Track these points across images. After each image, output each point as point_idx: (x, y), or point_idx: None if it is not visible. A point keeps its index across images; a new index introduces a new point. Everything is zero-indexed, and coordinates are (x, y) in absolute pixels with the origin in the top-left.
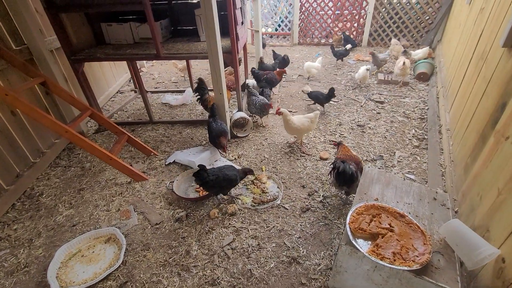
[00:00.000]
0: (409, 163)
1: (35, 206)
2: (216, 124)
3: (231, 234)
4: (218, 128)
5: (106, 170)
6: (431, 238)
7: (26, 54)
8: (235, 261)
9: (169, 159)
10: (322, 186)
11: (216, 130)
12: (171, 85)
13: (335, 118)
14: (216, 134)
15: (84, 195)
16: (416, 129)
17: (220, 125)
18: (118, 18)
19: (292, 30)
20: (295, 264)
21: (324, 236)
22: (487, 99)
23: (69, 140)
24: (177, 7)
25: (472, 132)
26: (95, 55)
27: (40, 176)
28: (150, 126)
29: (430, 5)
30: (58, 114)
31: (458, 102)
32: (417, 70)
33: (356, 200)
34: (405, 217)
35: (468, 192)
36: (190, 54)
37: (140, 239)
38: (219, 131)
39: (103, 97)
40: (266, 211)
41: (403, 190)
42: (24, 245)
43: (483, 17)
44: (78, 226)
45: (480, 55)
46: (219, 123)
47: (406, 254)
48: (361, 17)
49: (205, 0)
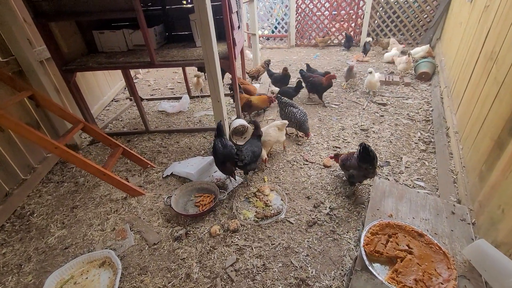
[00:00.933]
0: (417, 168)
1: (25, 226)
2: (223, 147)
3: (234, 254)
4: (225, 152)
5: (100, 185)
6: (455, 259)
7: (14, 66)
8: (239, 284)
9: (166, 171)
10: (328, 196)
11: (224, 154)
12: (168, 92)
13: (337, 123)
14: (223, 159)
15: (77, 214)
16: (422, 131)
17: (227, 147)
18: (111, 25)
19: (288, 31)
20: (304, 286)
21: (334, 254)
22: (500, 103)
23: (59, 156)
24: (171, 12)
25: (486, 138)
26: (87, 65)
27: (31, 193)
28: (146, 136)
29: (428, 3)
30: (51, 127)
31: (466, 104)
32: (419, 69)
33: (368, 217)
34: (424, 236)
35: (486, 203)
36: (185, 61)
37: (137, 261)
38: (226, 156)
39: (97, 106)
40: (270, 227)
41: (418, 204)
42: (13, 271)
43: (489, 15)
44: (71, 249)
45: (489, 55)
46: (226, 144)
47: (429, 281)
48: (359, 17)
49: (199, 5)
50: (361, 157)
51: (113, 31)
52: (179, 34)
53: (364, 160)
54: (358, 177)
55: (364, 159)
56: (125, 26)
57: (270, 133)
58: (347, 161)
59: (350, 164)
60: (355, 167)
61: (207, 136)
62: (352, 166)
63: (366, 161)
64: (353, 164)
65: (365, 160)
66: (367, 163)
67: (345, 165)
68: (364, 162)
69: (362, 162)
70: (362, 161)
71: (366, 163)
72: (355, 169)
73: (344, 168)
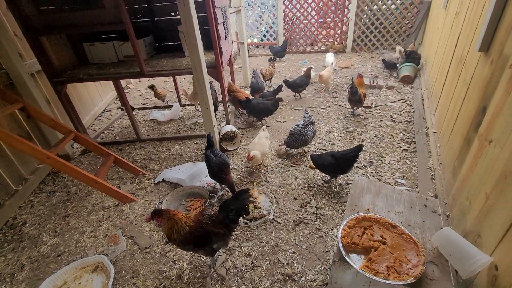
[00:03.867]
0: (399, 167)
1: (17, 236)
2: (215, 156)
3: (224, 254)
4: (217, 162)
5: (92, 194)
6: (424, 248)
7: (4, 79)
8: (228, 283)
9: (157, 178)
10: (314, 196)
11: (217, 163)
12: (158, 101)
13: (324, 126)
14: (218, 167)
15: (69, 222)
16: (404, 132)
17: (220, 156)
18: (101, 37)
19: (277, 39)
20: (291, 281)
21: (319, 250)
22: (468, 102)
23: (52, 166)
24: (161, 24)
25: (457, 135)
26: (78, 76)
27: (23, 204)
28: (138, 144)
29: (409, 10)
30: (42, 138)
31: (442, 104)
32: (401, 73)
33: (347, 212)
34: (397, 227)
35: (458, 196)
36: (175, 70)
37: (129, 265)
38: (220, 163)
39: (89, 117)
40: (259, 227)
41: (394, 199)
42: (6, 280)
43: (459, 21)
44: (64, 256)
45: (459, 58)
46: (218, 154)
47: (400, 267)
48: (344, 24)
49: (186, 17)
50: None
51: (103, 43)
52: (169, 45)
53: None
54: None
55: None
56: (115, 38)
57: (265, 144)
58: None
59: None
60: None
61: (197, 142)
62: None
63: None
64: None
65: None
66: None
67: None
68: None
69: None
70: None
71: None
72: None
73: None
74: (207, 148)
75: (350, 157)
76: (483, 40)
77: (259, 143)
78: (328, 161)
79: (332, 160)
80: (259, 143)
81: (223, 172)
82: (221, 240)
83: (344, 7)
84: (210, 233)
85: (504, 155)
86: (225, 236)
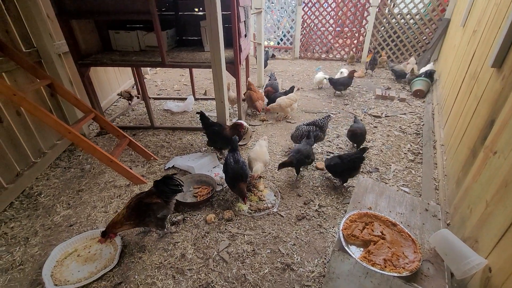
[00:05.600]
0: (404, 176)
1: (33, 205)
2: (234, 162)
3: (227, 239)
4: (236, 168)
5: (105, 173)
6: (422, 247)
7: (35, 56)
8: (229, 266)
9: (168, 164)
10: (318, 195)
11: (234, 170)
12: (173, 93)
13: (332, 131)
14: (233, 175)
15: (82, 196)
16: (412, 143)
17: (239, 164)
18: (126, 26)
19: (293, 44)
20: (289, 270)
21: (319, 244)
22: (478, 116)
23: (72, 140)
24: (183, 18)
25: (464, 148)
26: (102, 61)
27: (39, 176)
28: (151, 131)
29: (427, 26)
30: (62, 116)
31: (452, 119)
32: (414, 87)
33: (349, 208)
34: (397, 226)
35: (459, 205)
36: (193, 63)
37: (136, 241)
38: (236, 172)
39: (106, 102)
40: (262, 218)
41: (396, 201)
42: (20, 243)
43: (476, 39)
44: (75, 226)
45: (472, 74)
46: (238, 160)
47: (396, 261)
48: (361, 35)
49: (211, 13)
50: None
51: (127, 32)
52: (189, 39)
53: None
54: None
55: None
56: (138, 28)
57: (267, 152)
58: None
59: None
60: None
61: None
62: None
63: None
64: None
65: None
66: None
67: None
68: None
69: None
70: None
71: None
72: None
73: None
74: (230, 151)
75: (355, 159)
76: (497, 56)
77: (261, 152)
78: (335, 161)
79: (339, 161)
80: (261, 151)
81: (237, 181)
82: (162, 208)
83: (363, 18)
84: (149, 204)
85: (507, 165)
86: (164, 204)
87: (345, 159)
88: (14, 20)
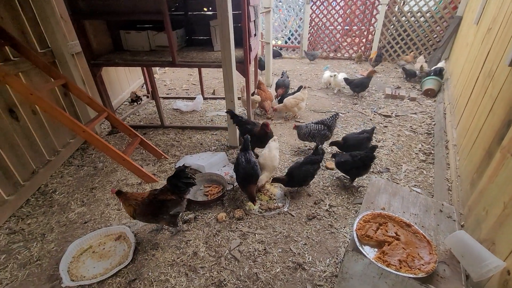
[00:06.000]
0: (415, 176)
1: (48, 202)
2: (246, 162)
3: (238, 238)
4: (246, 168)
5: (117, 171)
6: (437, 248)
7: (49, 57)
8: (241, 264)
9: (178, 163)
10: (328, 195)
11: (245, 170)
12: (182, 92)
13: (342, 130)
14: (243, 175)
15: (96, 194)
16: (423, 143)
17: (251, 164)
18: (136, 26)
19: (301, 43)
20: (301, 270)
21: (330, 244)
22: (493, 116)
23: (86, 139)
24: (192, 18)
25: (479, 149)
26: (114, 60)
27: (54, 173)
28: (161, 130)
29: (438, 24)
30: (75, 115)
31: (465, 118)
32: (425, 86)
33: (362, 208)
34: (411, 226)
35: (474, 206)
36: (203, 62)
37: (149, 238)
38: (247, 172)
39: (116, 101)
40: (273, 217)
41: (409, 201)
42: (37, 239)
43: (490, 37)
44: (90, 223)
45: (487, 73)
46: (250, 159)
47: (412, 262)
48: (370, 33)
49: (222, 13)
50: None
51: (138, 32)
52: (197, 38)
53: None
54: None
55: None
56: (148, 28)
57: (276, 156)
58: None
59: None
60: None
61: (217, 134)
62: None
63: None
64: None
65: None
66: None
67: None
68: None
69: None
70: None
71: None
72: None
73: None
74: (242, 150)
75: (366, 157)
76: None
77: (269, 156)
78: (345, 158)
79: (349, 159)
80: (270, 156)
81: (248, 182)
82: (176, 205)
83: (372, 16)
84: (163, 201)
85: None
86: (178, 201)
87: (356, 157)
88: (29, 21)
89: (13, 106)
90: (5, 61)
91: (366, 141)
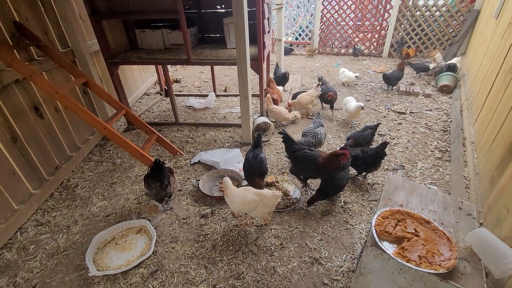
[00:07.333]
0: (431, 174)
1: (71, 196)
2: (253, 157)
3: (254, 233)
4: (253, 165)
5: (135, 167)
6: (457, 245)
7: (70, 56)
8: (258, 258)
9: (194, 159)
10: (342, 192)
11: (251, 165)
12: (195, 90)
13: (355, 127)
14: (249, 170)
15: (115, 189)
16: (439, 141)
17: (259, 160)
18: (151, 25)
19: (312, 39)
20: (317, 264)
21: (346, 240)
22: None
23: (107, 136)
24: (205, 16)
25: (499, 146)
26: (130, 59)
27: (75, 169)
28: (175, 127)
29: (455, 18)
30: (93, 113)
31: (484, 115)
32: (440, 82)
33: (380, 205)
34: (431, 223)
35: (494, 205)
36: (218, 60)
37: (169, 232)
38: (252, 167)
39: (131, 98)
40: (288, 213)
41: (427, 198)
42: (63, 231)
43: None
44: (111, 217)
45: (508, 69)
46: (258, 156)
47: (432, 258)
48: (383, 29)
49: (237, 11)
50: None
51: (153, 31)
52: (210, 36)
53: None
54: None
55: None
56: (162, 27)
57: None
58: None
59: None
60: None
61: (230, 131)
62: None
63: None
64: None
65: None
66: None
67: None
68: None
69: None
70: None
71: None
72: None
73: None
74: (252, 146)
75: (377, 154)
76: None
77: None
78: (356, 152)
79: (360, 154)
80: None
81: (253, 175)
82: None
83: (385, 11)
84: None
85: None
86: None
87: (366, 153)
88: (51, 21)
89: (37, 104)
90: (30, 61)
91: (371, 137)
